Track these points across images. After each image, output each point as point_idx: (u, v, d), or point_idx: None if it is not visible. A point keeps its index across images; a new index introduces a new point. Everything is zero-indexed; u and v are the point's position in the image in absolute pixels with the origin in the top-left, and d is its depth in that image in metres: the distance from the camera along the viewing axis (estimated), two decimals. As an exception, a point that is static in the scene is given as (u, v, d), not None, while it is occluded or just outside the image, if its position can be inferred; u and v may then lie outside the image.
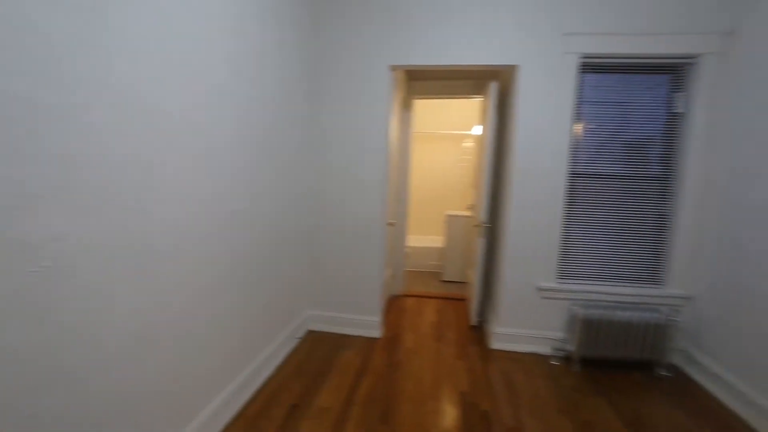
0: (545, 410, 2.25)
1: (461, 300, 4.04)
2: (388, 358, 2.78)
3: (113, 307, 1.31)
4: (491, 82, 3.06)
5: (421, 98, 3.92)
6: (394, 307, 3.80)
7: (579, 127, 2.80)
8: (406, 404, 2.25)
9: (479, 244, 3.21)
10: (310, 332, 3.13)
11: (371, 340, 3.04)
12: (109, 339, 1.29)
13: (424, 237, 5.62)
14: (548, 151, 2.75)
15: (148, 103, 1.38)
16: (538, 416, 2.19)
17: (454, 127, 5.46)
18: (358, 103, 2.91)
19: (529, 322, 2.90)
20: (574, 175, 2.81)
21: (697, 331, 2.68)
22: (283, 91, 2.48)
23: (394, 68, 2.90)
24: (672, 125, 2.75)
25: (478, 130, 4.30)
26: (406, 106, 3.88)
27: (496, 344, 2.95)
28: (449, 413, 2.19)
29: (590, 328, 2.62)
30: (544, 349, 2.88)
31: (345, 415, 2.13)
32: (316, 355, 2.78)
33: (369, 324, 3.10)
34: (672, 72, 2.73)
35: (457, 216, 4.62)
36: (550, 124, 2.73)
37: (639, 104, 2.77)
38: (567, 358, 2.79)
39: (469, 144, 5.51)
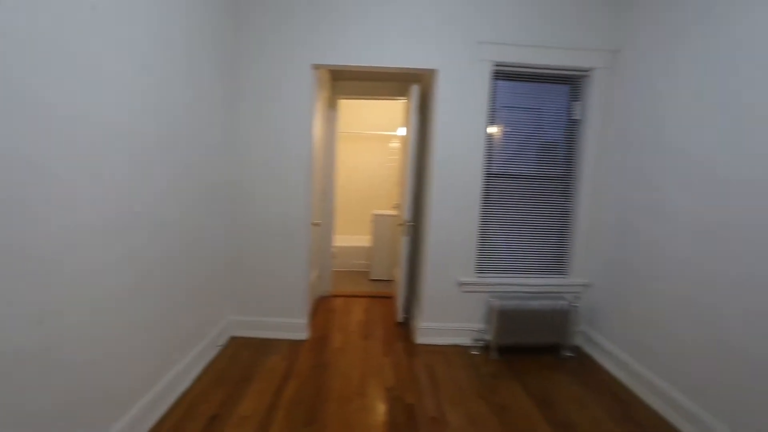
0: (465, 398, 2.37)
1: (389, 298, 4.11)
2: (315, 359, 2.75)
3: (-10, 323, 1.14)
4: (413, 85, 3.16)
5: (346, 98, 3.94)
6: (321, 308, 3.77)
7: (494, 131, 3.00)
8: (333, 404, 2.25)
9: (403, 243, 3.30)
10: (234, 338, 3.00)
11: (298, 343, 2.98)
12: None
13: (352, 237, 5.64)
14: (466, 153, 2.91)
15: (26, 94, 1.23)
16: (459, 404, 2.30)
17: (381, 127, 5.55)
18: (280, 102, 2.85)
19: (451, 315, 3.04)
20: (490, 176, 3.00)
21: (594, 314, 2.99)
22: (196, 86, 2.34)
23: (316, 67, 2.87)
24: (572, 130, 3.05)
25: (402, 131, 4.41)
26: (331, 106, 3.87)
27: (421, 339, 3.05)
28: (375, 409, 2.23)
29: (505, 317, 2.82)
30: (466, 341, 3.04)
31: (268, 421, 2.07)
32: (239, 361, 2.67)
33: (295, 326, 3.04)
34: (571, 83, 3.02)
35: (383, 215, 4.70)
36: (467, 126, 2.89)
37: (546, 111, 3.04)
38: (486, 348, 2.97)
39: (395, 145, 5.63)
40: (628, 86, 2.77)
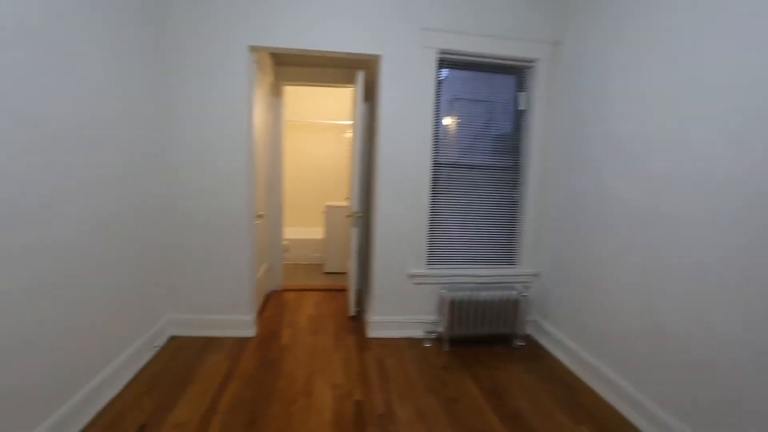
0: (415, 392, 2.33)
1: (342, 291, 4.02)
2: (261, 358, 2.63)
3: None
4: (359, 72, 3.06)
5: (290, 84, 3.77)
6: (272, 303, 3.63)
7: (443, 120, 2.95)
8: (276, 405, 2.14)
9: (353, 234, 3.21)
10: (173, 339, 2.81)
11: (243, 341, 2.84)
12: None
13: (305, 229, 5.49)
14: (413, 142, 2.85)
15: None
16: (408, 398, 2.26)
17: (334, 116, 5.40)
18: (216, 88, 2.66)
19: (402, 308, 3.00)
20: (439, 166, 2.96)
21: (544, 303, 3.04)
22: (114, 68, 2.13)
23: (253, 49, 2.70)
24: (519, 121, 3.05)
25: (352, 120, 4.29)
26: (276, 93, 3.69)
27: (372, 333, 2.99)
28: (321, 408, 2.14)
29: (457, 309, 2.80)
30: (418, 333, 3.01)
31: (203, 428, 1.94)
32: (176, 363, 2.50)
33: (241, 323, 2.89)
34: (517, 73, 3.02)
35: (337, 207, 4.59)
36: (413, 115, 2.82)
37: (494, 101, 3.02)
38: (438, 339, 2.95)
39: (349, 135, 5.50)
40: (569, 78, 2.79)
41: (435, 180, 2.95)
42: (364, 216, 3.49)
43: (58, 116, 1.71)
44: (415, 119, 2.83)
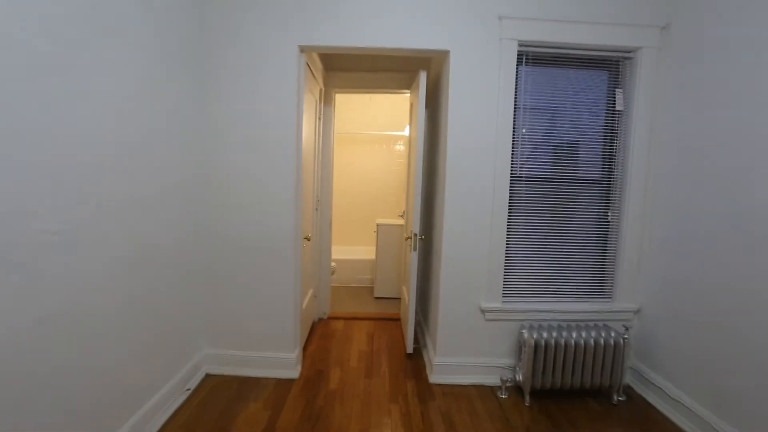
0: (497, 465, 1.83)
1: (396, 320, 3.58)
2: (306, 407, 2.23)
3: None
4: (420, 72, 2.66)
5: (342, 92, 3.44)
6: (318, 333, 3.25)
7: (522, 126, 2.48)
8: (325, 479, 1.72)
9: (412, 259, 2.78)
10: (209, 377, 2.49)
11: (286, 383, 2.46)
12: None
13: (354, 248, 5.13)
14: (487, 152, 2.39)
15: None
16: (489, 476, 1.77)
17: (385, 127, 5.04)
18: (260, 93, 2.35)
19: (472, 348, 2.51)
20: (518, 179, 2.48)
21: (646, 346, 2.45)
22: (153, 75, 1.86)
23: (303, 49, 2.38)
24: (612, 125, 2.52)
25: (408, 130, 3.91)
26: (327, 101, 3.37)
27: (436, 377, 2.52)
28: (380, 486, 1.70)
29: (541, 353, 2.28)
30: (492, 380, 2.50)
31: None
32: (211, 411, 2.15)
33: (284, 362, 2.52)
34: (611, 67, 2.50)
35: (389, 225, 4.18)
36: (488, 120, 2.37)
37: (579, 102, 2.51)
38: (517, 389, 2.43)
39: (401, 147, 5.12)
40: (679, 70, 2.24)
41: (513, 196, 2.46)
42: (425, 238, 3.05)
43: (85, 134, 1.43)
44: (490, 125, 2.37)
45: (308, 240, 2.70)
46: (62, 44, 1.34)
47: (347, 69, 3.34)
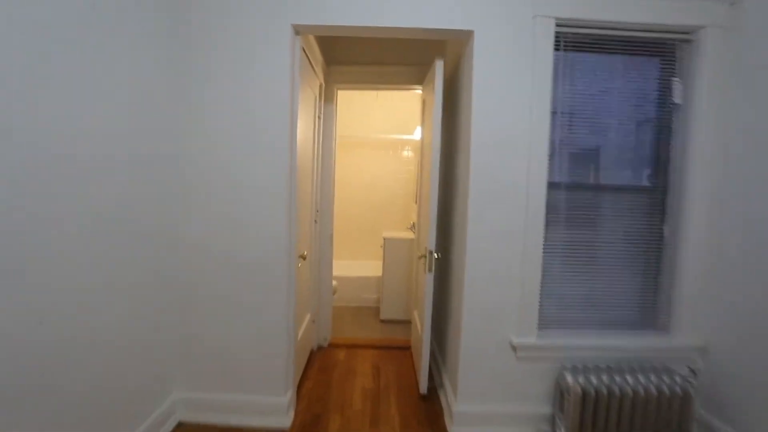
0: None
1: (405, 349, 3.14)
2: (298, 470, 1.79)
3: None
4: (436, 61, 2.25)
5: (344, 88, 3.05)
6: (316, 365, 2.81)
7: (559, 122, 2.06)
8: None
9: (426, 282, 2.34)
10: (180, 426, 2.05)
11: (275, 435, 2.03)
12: None
13: (357, 263, 4.70)
14: (520, 154, 1.97)
15: None
16: None
17: (391, 130, 4.64)
18: (246, 79, 1.96)
19: (501, 393, 2.05)
20: (552, 187, 2.05)
21: (715, 394, 1.98)
22: (119, 60, 1.47)
23: (299, 30, 1.99)
24: (667, 121, 2.10)
25: (419, 132, 3.51)
26: (328, 99, 2.97)
27: (457, 428, 2.06)
28: None
29: (589, 404, 1.83)
30: None
31: None
32: (178, 479, 1.72)
33: (273, 408, 2.08)
34: (665, 53, 2.08)
35: (397, 239, 3.75)
36: (520, 116, 1.96)
37: (627, 95, 2.10)
38: (555, 443, 1.98)
39: (409, 153, 4.71)
40: (755, 51, 1.82)
41: (550, 207, 2.03)
42: (442, 257, 2.61)
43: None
44: (522, 122, 1.96)
45: (304, 258, 2.27)
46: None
47: (350, 62, 2.94)
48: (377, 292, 4.15)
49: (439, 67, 2.23)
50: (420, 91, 3.00)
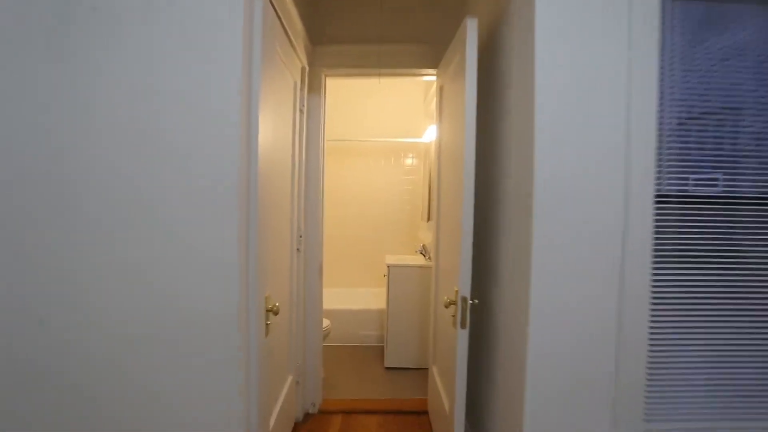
0: None
1: (420, 414, 2.40)
2: None
3: None
4: (467, 18, 1.54)
5: (335, 74, 2.34)
6: (301, 448, 2.06)
7: (669, 106, 1.35)
8: None
9: (458, 342, 1.60)
10: None
11: None
12: None
13: (354, 292, 3.96)
14: (612, 156, 1.26)
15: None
16: None
17: (393, 133, 3.94)
18: (172, 46, 1.23)
19: None
20: (662, 202, 1.33)
21: None
22: None
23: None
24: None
25: (431, 133, 2.82)
26: (313, 88, 2.26)
27: None
28: None
29: None
30: None
31: None
32: None
33: None
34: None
35: (404, 266, 3.02)
36: (612, 100, 1.25)
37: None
38: None
39: (413, 160, 4.01)
40: None
41: (659, 231, 1.31)
42: (480, 303, 1.86)
43: None
44: (616, 106, 1.25)
45: (275, 314, 1.54)
46: None
47: (342, 40, 2.24)
48: (380, 328, 3.41)
49: (471, 28, 1.52)
50: (434, 78, 2.30)
